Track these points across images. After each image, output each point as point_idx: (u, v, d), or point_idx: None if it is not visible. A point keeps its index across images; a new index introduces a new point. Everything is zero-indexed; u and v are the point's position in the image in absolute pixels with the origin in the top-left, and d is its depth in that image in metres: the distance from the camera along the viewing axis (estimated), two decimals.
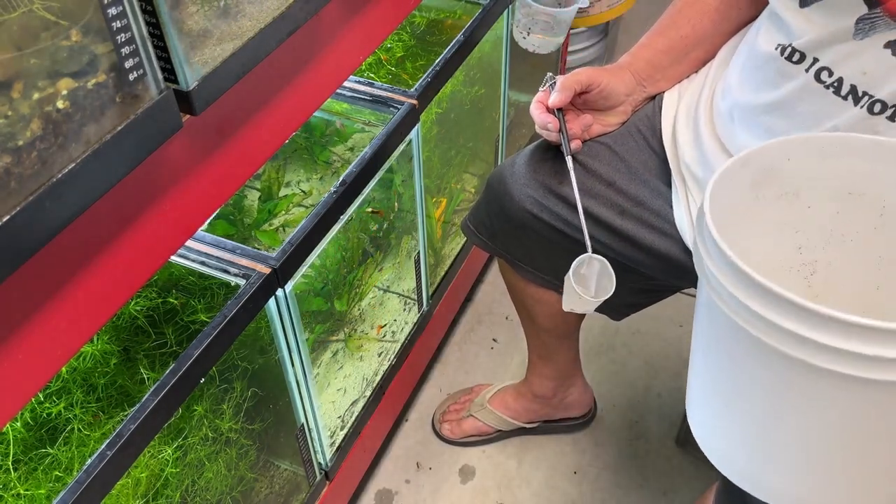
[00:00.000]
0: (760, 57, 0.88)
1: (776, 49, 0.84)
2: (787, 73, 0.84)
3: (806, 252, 0.78)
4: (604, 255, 1.03)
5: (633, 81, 1.05)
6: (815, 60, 0.81)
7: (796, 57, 0.83)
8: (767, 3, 0.90)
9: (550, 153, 1.08)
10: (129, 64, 0.49)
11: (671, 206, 1.01)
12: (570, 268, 1.06)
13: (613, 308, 1.19)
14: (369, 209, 1.20)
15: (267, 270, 0.89)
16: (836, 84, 0.80)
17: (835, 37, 0.79)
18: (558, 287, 1.16)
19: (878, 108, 0.78)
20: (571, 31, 1.87)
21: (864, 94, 0.79)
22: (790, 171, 0.74)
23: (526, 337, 1.37)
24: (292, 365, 1.02)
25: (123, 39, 0.48)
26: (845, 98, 0.80)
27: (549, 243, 1.09)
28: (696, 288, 0.75)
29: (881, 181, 0.72)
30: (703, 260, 0.66)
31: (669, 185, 1.02)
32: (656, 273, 1.07)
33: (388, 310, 1.38)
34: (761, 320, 0.59)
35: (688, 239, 0.98)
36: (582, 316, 1.29)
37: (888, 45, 0.76)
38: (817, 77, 0.81)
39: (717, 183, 0.69)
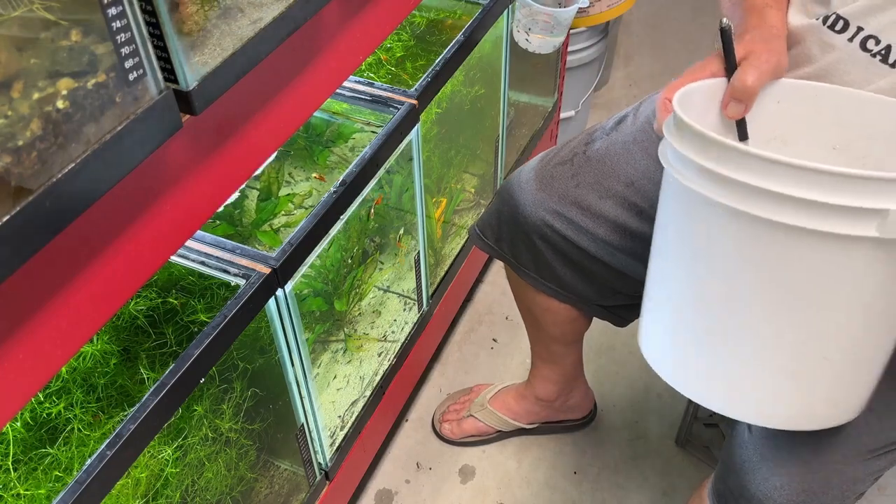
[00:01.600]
0: (797, 34, 0.84)
1: (817, 20, 0.82)
2: (829, 43, 0.80)
3: None
4: (617, 258, 1.04)
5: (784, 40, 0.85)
6: (860, 29, 0.78)
7: (839, 25, 0.79)
8: None
9: (564, 157, 1.08)
10: (129, 64, 0.49)
11: None
12: (575, 282, 1.06)
13: (617, 315, 1.19)
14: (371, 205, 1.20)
15: (267, 270, 0.89)
16: (883, 52, 0.76)
17: (885, 4, 0.76)
18: (566, 298, 1.16)
19: None
20: (571, 31, 1.87)
21: None
22: (778, 113, 0.73)
23: (531, 342, 1.37)
24: (292, 365, 1.02)
25: (123, 39, 0.48)
26: (893, 66, 0.77)
27: (556, 252, 1.09)
28: None
29: (865, 136, 0.72)
30: (668, 146, 0.66)
31: None
32: None
33: (389, 310, 1.38)
34: (730, 183, 0.60)
35: None
36: (588, 323, 1.29)
37: None
38: (863, 45, 0.78)
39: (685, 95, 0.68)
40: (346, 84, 1.18)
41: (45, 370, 0.57)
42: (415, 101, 1.14)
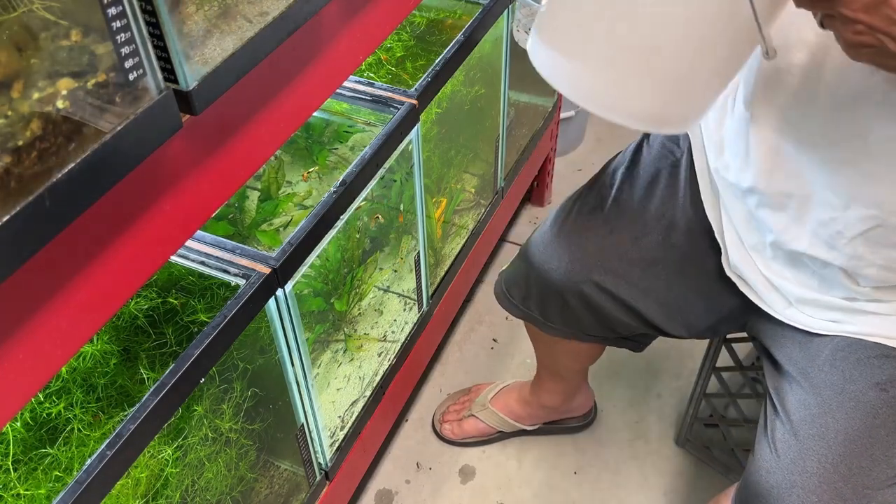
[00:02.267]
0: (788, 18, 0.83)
1: None
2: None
3: None
4: (649, 301, 1.04)
5: None
6: None
7: None
8: None
9: (583, 214, 1.07)
10: (129, 64, 0.49)
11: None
12: (602, 328, 1.05)
13: (636, 341, 1.19)
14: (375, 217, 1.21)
15: (267, 270, 0.89)
16: None
17: None
18: (589, 339, 1.16)
19: None
20: None
21: None
22: None
23: (538, 358, 1.37)
24: (292, 365, 1.02)
25: (123, 39, 0.48)
26: None
27: (588, 310, 1.09)
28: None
29: None
30: None
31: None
32: (700, 331, 1.08)
33: (389, 310, 1.38)
34: None
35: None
36: (602, 350, 1.29)
37: None
38: None
39: None
40: (346, 84, 1.18)
41: (45, 370, 0.57)
42: (415, 101, 1.14)
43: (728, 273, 0.99)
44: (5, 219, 0.44)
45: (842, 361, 0.88)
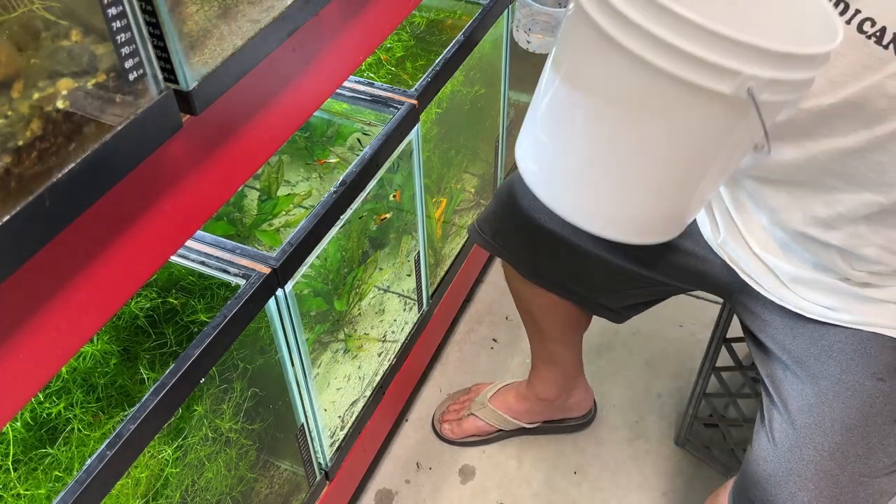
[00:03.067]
0: None
1: None
2: None
3: None
4: (616, 255, 1.04)
5: None
6: (858, 11, 0.78)
7: (840, 7, 0.79)
8: None
9: None
10: (129, 64, 0.49)
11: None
12: (573, 278, 1.05)
13: (615, 311, 1.20)
14: (382, 215, 1.21)
15: (267, 270, 0.89)
16: (878, 33, 0.76)
17: None
18: (563, 293, 1.17)
19: None
20: None
21: None
22: None
23: (531, 343, 1.37)
24: (292, 365, 1.02)
25: (123, 39, 0.48)
26: (886, 47, 0.76)
27: (553, 248, 1.09)
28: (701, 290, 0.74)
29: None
30: None
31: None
32: (679, 284, 1.08)
33: (389, 310, 1.38)
34: (637, 30, 0.63)
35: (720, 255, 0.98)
36: (587, 322, 1.29)
37: None
38: (860, 28, 0.78)
39: None
40: (346, 84, 1.18)
41: (45, 370, 0.57)
42: (415, 101, 1.14)
43: (718, 252, 0.99)
44: (5, 219, 0.44)
45: (839, 352, 0.89)
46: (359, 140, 1.27)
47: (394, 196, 1.23)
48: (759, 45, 0.62)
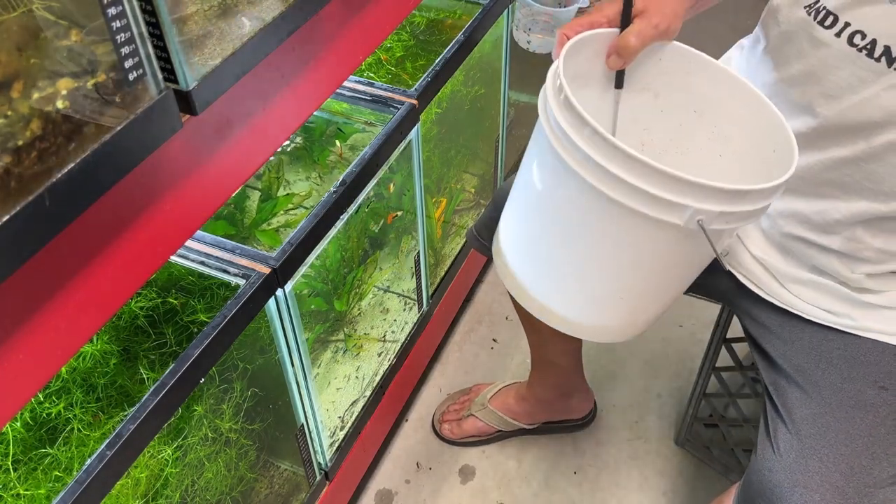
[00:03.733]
0: (789, 30, 0.85)
1: (807, 12, 0.82)
2: (818, 39, 0.81)
3: (647, 150, 0.91)
4: None
5: (687, 4, 0.88)
6: (847, 24, 0.78)
7: (829, 21, 0.80)
8: None
9: None
10: (128, 64, 0.49)
11: None
12: None
13: None
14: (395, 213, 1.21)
15: (267, 270, 0.89)
16: (869, 46, 0.77)
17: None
18: None
19: None
20: None
21: None
22: (658, 70, 0.84)
23: (530, 346, 1.37)
24: (292, 365, 1.02)
25: (123, 39, 0.48)
26: (878, 60, 0.77)
27: None
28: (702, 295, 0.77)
29: (719, 105, 0.84)
30: (549, 105, 0.74)
31: None
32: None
33: (389, 310, 1.38)
34: (595, 166, 0.69)
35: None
36: None
37: None
38: (850, 41, 0.78)
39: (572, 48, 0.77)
40: (346, 84, 1.18)
41: (45, 370, 0.57)
42: (415, 101, 1.14)
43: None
44: (5, 219, 0.44)
45: (839, 359, 0.88)
46: (339, 128, 1.27)
47: (389, 188, 1.23)
48: (705, 184, 0.67)
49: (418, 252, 1.35)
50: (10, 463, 0.80)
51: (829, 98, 0.81)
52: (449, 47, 1.22)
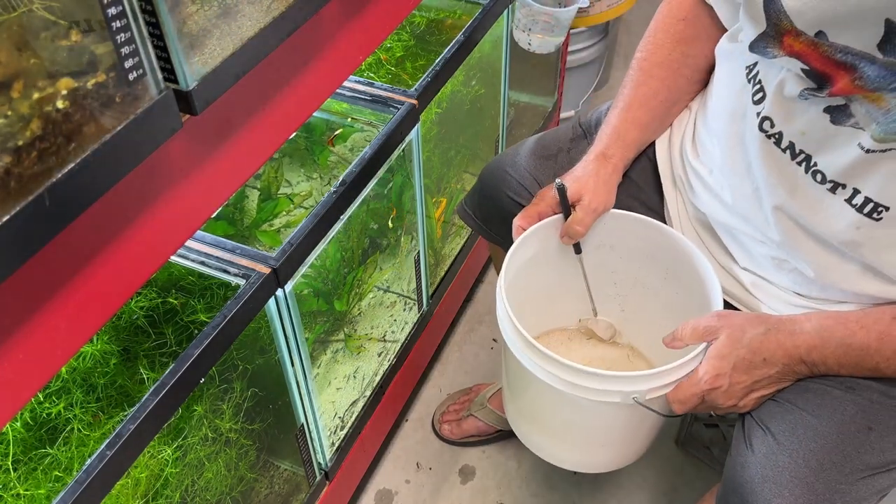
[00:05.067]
0: (736, 81, 0.89)
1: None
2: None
3: (620, 287, 1.10)
4: None
5: (620, 174, 1.02)
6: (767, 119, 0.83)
7: (759, 95, 0.84)
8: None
9: (552, 151, 1.09)
10: (129, 64, 0.49)
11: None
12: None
13: None
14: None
15: (267, 270, 0.89)
16: (777, 136, 0.82)
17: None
18: None
19: (819, 177, 0.81)
20: (571, 31, 1.87)
21: (802, 152, 0.81)
22: (611, 228, 1.02)
23: None
24: (292, 365, 1.02)
25: (123, 39, 0.48)
26: (784, 151, 0.82)
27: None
28: None
29: (666, 253, 1.00)
30: (504, 323, 0.93)
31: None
32: None
33: (389, 310, 1.38)
34: (540, 370, 0.89)
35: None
36: None
37: (827, 110, 0.77)
38: (761, 126, 0.84)
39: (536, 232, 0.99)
40: (346, 84, 1.18)
41: (45, 370, 0.57)
42: (415, 101, 1.14)
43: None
44: (5, 219, 0.44)
45: None
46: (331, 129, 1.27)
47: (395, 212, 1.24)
48: (628, 375, 0.85)
49: (418, 252, 1.35)
50: (10, 463, 0.80)
51: (771, 186, 0.86)
52: (449, 47, 1.22)
